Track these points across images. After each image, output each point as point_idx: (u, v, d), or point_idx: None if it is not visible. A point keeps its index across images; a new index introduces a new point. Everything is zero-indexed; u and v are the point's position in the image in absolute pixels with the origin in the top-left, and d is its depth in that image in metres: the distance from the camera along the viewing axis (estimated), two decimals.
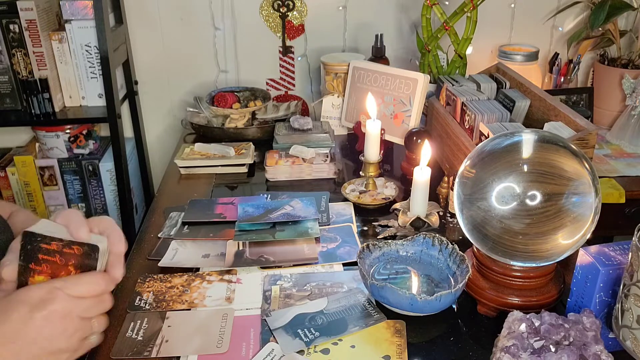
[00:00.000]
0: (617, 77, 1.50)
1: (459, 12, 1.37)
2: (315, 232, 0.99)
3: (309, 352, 0.74)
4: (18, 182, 1.55)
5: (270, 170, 1.25)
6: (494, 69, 1.32)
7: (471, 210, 0.79)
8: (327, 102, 1.50)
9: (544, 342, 0.64)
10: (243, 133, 1.43)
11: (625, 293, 0.63)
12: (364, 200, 1.12)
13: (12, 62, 1.39)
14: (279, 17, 1.61)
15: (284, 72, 1.68)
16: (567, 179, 0.74)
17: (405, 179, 1.23)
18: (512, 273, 0.79)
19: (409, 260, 0.90)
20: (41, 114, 1.43)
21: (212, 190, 1.21)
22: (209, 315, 0.81)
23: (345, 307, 0.82)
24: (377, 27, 1.59)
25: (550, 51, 1.68)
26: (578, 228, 0.74)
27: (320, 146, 1.33)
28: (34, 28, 1.36)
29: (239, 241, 0.98)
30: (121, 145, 1.43)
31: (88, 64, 1.46)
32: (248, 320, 0.81)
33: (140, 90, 1.67)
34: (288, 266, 0.93)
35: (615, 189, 1.21)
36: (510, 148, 0.78)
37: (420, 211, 0.99)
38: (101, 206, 1.60)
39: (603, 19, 1.39)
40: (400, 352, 0.74)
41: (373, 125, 1.10)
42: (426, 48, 1.45)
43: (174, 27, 1.60)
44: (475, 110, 1.09)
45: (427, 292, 0.83)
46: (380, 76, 1.36)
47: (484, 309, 0.81)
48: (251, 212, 1.05)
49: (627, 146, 1.43)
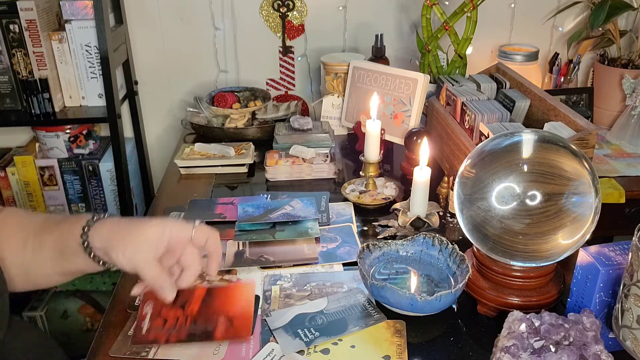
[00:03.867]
0: (617, 77, 1.50)
1: (459, 12, 1.37)
2: (315, 232, 0.99)
3: (309, 352, 0.74)
4: (18, 182, 1.55)
5: (270, 170, 1.25)
6: (494, 69, 1.32)
7: (471, 210, 0.79)
8: (327, 102, 1.50)
9: (544, 342, 0.64)
10: (243, 133, 1.43)
11: (625, 293, 0.63)
12: (364, 200, 1.12)
13: (12, 62, 1.39)
14: (279, 17, 1.61)
15: (284, 72, 1.68)
16: (567, 179, 0.74)
17: (405, 179, 1.24)
18: (512, 273, 0.79)
19: (409, 260, 0.90)
20: (41, 114, 1.43)
21: (212, 190, 1.21)
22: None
23: (345, 307, 0.82)
24: (377, 27, 1.59)
25: (550, 51, 1.68)
26: (578, 228, 0.74)
27: (320, 146, 1.33)
28: (34, 28, 1.36)
29: (239, 241, 0.98)
30: (121, 145, 1.43)
31: (88, 64, 1.46)
32: None
33: (140, 90, 1.67)
34: (288, 266, 0.93)
35: (615, 189, 1.21)
36: (510, 148, 0.78)
37: (420, 211, 0.99)
38: (101, 206, 1.60)
39: (603, 19, 1.39)
40: (400, 352, 0.74)
41: (373, 125, 1.11)
42: (426, 48, 1.45)
43: (174, 27, 1.60)
44: (475, 110, 1.09)
45: (427, 292, 0.83)
46: (380, 76, 1.36)
47: (484, 309, 0.81)
48: (251, 212, 1.05)
49: (627, 146, 1.43)
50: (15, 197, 1.57)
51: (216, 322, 0.73)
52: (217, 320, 0.74)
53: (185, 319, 0.74)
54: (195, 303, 0.76)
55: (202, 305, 0.75)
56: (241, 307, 0.75)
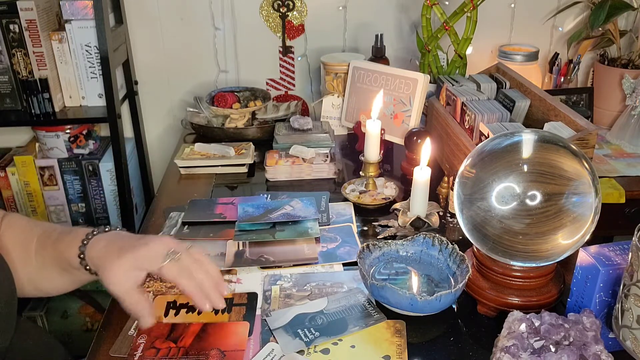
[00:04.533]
0: (617, 77, 1.50)
1: (459, 12, 1.37)
2: (315, 232, 0.99)
3: (309, 352, 0.74)
4: (18, 182, 1.55)
5: (270, 170, 1.25)
6: (494, 69, 1.32)
7: (471, 210, 0.79)
8: (327, 102, 1.50)
9: (544, 342, 0.64)
10: (243, 133, 1.43)
11: (625, 293, 0.63)
12: (364, 200, 1.12)
13: (12, 62, 1.39)
14: (279, 17, 1.61)
15: (284, 72, 1.68)
16: (567, 179, 0.74)
17: (405, 179, 1.24)
18: (512, 273, 0.79)
19: (409, 260, 0.90)
20: (41, 114, 1.43)
21: (212, 190, 1.21)
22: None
23: (345, 307, 0.82)
24: (377, 27, 1.59)
25: (550, 51, 1.68)
26: (578, 228, 0.74)
27: (320, 146, 1.33)
28: (34, 28, 1.36)
29: (239, 241, 0.98)
30: (121, 145, 1.43)
31: (88, 64, 1.46)
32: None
33: (140, 90, 1.67)
34: (288, 266, 0.93)
35: (615, 189, 1.21)
36: (510, 148, 0.78)
37: (420, 211, 0.99)
38: (101, 206, 1.60)
39: (603, 19, 1.39)
40: (400, 352, 0.74)
41: (373, 125, 1.11)
42: (426, 48, 1.45)
43: (174, 27, 1.60)
44: (475, 110, 1.09)
45: (427, 292, 0.83)
46: (380, 76, 1.36)
47: (484, 309, 0.81)
48: (251, 212, 1.05)
49: (627, 146, 1.43)
50: (15, 197, 1.57)
51: (208, 355, 0.73)
52: (210, 353, 0.74)
53: (177, 350, 0.74)
54: (189, 337, 0.76)
55: (196, 340, 0.76)
56: (235, 343, 0.76)
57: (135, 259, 0.71)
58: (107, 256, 0.72)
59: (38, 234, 0.79)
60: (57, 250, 0.76)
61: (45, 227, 0.81)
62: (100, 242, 0.74)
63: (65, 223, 1.61)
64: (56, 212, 1.59)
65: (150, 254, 0.71)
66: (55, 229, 0.80)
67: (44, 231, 0.80)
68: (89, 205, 1.60)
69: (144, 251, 0.71)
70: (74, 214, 1.60)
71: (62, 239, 0.77)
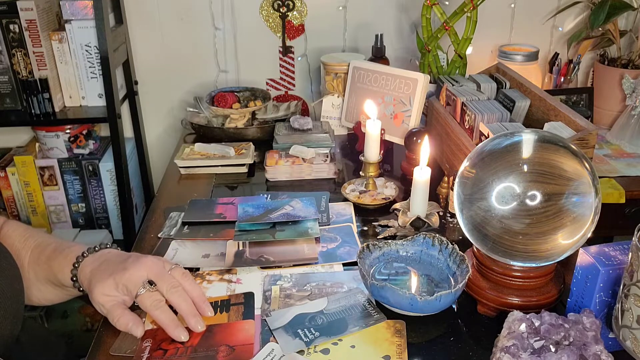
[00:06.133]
0: (617, 77, 1.50)
1: (459, 12, 1.37)
2: (315, 232, 0.99)
3: (309, 352, 0.74)
4: (18, 182, 1.55)
5: (270, 170, 1.25)
6: (494, 69, 1.32)
7: (471, 210, 0.79)
8: (327, 102, 1.50)
9: (544, 342, 0.64)
10: (243, 133, 1.43)
11: (625, 293, 0.63)
12: (364, 200, 1.12)
13: (12, 62, 1.39)
14: (279, 17, 1.61)
15: (284, 72, 1.68)
16: (567, 179, 0.74)
17: (405, 179, 1.24)
18: (512, 273, 0.79)
19: (409, 260, 0.90)
20: (41, 114, 1.43)
21: (212, 190, 1.21)
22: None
23: (345, 307, 0.82)
24: (377, 27, 1.59)
25: (550, 51, 1.68)
26: (578, 228, 0.74)
27: (320, 146, 1.33)
28: (34, 28, 1.36)
29: (239, 241, 0.98)
30: (121, 145, 1.43)
31: (88, 64, 1.46)
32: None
33: (140, 90, 1.67)
34: (288, 266, 0.93)
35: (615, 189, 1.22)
36: (510, 148, 0.78)
37: (420, 211, 0.99)
38: (101, 206, 1.60)
39: (603, 19, 1.39)
40: (400, 352, 0.74)
41: (373, 125, 1.10)
42: (426, 48, 1.45)
43: (174, 27, 1.60)
44: (475, 110, 1.09)
45: (427, 292, 0.83)
46: (380, 76, 1.36)
47: (484, 309, 0.81)
48: (251, 212, 1.05)
49: (627, 146, 1.43)
50: (15, 197, 1.57)
51: (218, 350, 0.74)
52: (219, 349, 0.74)
53: (185, 349, 0.74)
54: (196, 338, 0.76)
55: (203, 339, 0.76)
56: (243, 338, 0.76)
57: (115, 284, 0.76)
58: (92, 279, 0.76)
59: (32, 246, 0.82)
60: (50, 267, 0.80)
61: (39, 239, 0.83)
62: (89, 265, 0.78)
63: (65, 223, 1.61)
64: (56, 212, 1.59)
65: (131, 278, 0.75)
66: (49, 244, 0.82)
67: (38, 244, 0.82)
68: (89, 205, 1.60)
69: (124, 276, 0.75)
70: (74, 214, 1.60)
71: (55, 258, 0.80)
